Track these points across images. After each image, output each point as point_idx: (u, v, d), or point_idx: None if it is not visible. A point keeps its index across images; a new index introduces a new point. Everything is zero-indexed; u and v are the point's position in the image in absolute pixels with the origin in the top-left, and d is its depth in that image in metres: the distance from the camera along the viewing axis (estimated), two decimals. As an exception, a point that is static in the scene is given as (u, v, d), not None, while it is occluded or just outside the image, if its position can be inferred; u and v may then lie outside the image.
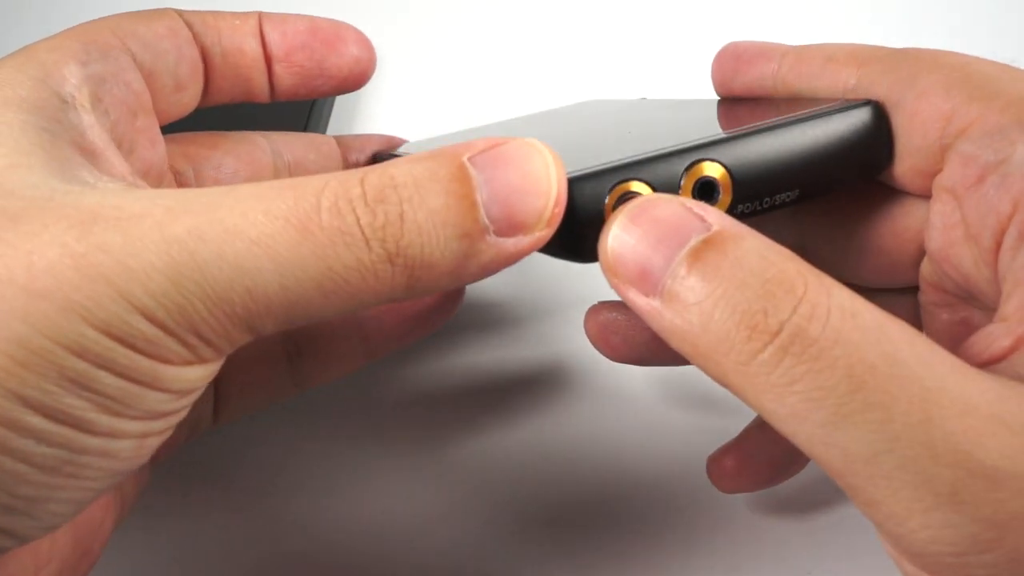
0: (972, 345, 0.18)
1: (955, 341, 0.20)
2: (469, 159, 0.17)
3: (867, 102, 0.21)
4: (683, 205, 0.17)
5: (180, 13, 0.24)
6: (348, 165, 0.28)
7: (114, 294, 0.16)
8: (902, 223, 0.22)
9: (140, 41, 0.22)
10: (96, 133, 0.20)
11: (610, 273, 0.18)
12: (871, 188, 0.23)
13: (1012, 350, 0.17)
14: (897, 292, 0.24)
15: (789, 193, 0.20)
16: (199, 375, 0.18)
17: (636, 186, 0.19)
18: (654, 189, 0.19)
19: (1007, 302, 0.18)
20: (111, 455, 0.17)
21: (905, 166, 0.21)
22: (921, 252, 0.22)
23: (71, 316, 0.16)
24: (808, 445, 0.16)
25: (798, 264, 0.16)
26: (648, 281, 0.17)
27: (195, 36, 0.24)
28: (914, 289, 0.23)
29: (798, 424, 0.16)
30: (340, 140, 0.29)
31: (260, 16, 0.25)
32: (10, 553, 0.19)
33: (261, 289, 0.16)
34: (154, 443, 0.18)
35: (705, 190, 0.19)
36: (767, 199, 0.20)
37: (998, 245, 0.19)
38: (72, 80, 0.20)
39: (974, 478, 0.15)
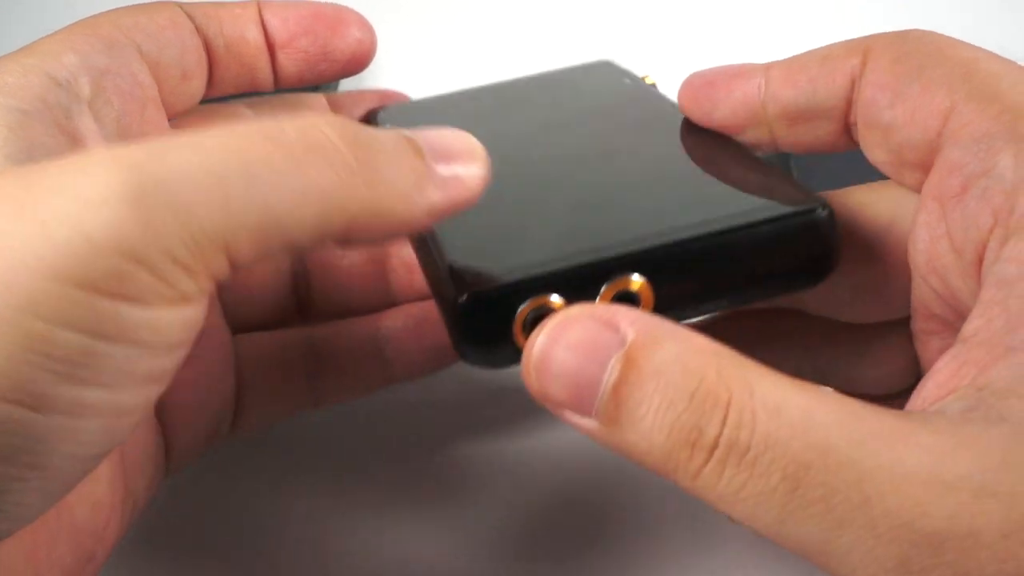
0: (921, 388, 0.18)
1: None
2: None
3: (813, 208, 0.19)
4: (595, 320, 0.17)
5: (180, 5, 0.24)
6: None
7: (61, 230, 0.15)
8: (889, 254, 0.22)
9: (144, 33, 0.23)
10: (85, 119, 0.20)
11: (540, 398, 0.18)
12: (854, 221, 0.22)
13: (949, 392, 0.17)
14: (891, 323, 0.23)
15: (717, 304, 0.20)
16: (175, 319, 0.17)
17: (552, 298, 0.19)
18: (569, 302, 0.18)
19: (968, 323, 0.18)
20: (75, 438, 0.16)
21: (905, 161, 0.21)
22: (909, 279, 0.21)
23: (16, 269, 0.15)
24: (769, 536, 0.16)
25: (718, 365, 0.16)
26: (581, 403, 0.17)
27: (197, 27, 0.24)
28: (907, 320, 0.22)
29: (754, 523, 0.16)
30: (331, 99, 0.28)
31: (260, 4, 0.25)
32: (3, 555, 0.18)
33: (230, 198, 0.16)
34: (125, 426, 0.17)
35: (624, 300, 0.19)
36: (691, 311, 0.20)
37: (980, 259, 0.18)
38: (69, 67, 0.20)
39: (918, 548, 0.15)
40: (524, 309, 0.18)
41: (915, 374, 0.23)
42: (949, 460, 0.15)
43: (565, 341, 0.17)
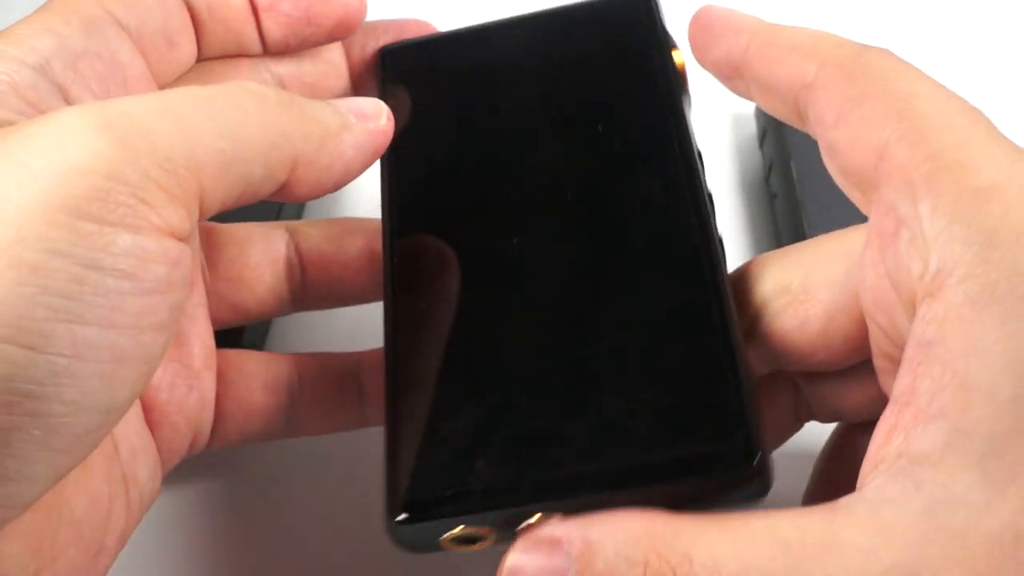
0: (867, 452, 0.18)
1: None
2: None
3: (746, 460, 0.19)
4: (540, 550, 0.18)
5: None
6: (351, 62, 0.27)
7: (41, 162, 0.16)
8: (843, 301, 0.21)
9: (124, 4, 0.22)
10: (60, 105, 0.20)
11: None
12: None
13: (881, 461, 0.17)
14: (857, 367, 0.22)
15: None
16: (160, 250, 0.17)
17: (480, 529, 0.20)
18: (498, 528, 0.20)
19: (897, 380, 0.18)
20: (76, 385, 0.16)
21: (849, 181, 0.20)
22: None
23: (0, 203, 0.16)
24: None
25: (654, 546, 0.17)
26: None
27: None
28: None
29: None
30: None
31: None
32: (5, 551, 0.18)
33: (189, 125, 0.18)
34: (125, 379, 0.17)
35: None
36: None
37: (914, 303, 0.18)
38: (43, 51, 0.20)
39: None
40: (450, 535, 0.20)
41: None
42: (875, 555, 0.16)
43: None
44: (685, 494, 0.19)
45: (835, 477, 0.25)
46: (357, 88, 0.27)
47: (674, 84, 0.24)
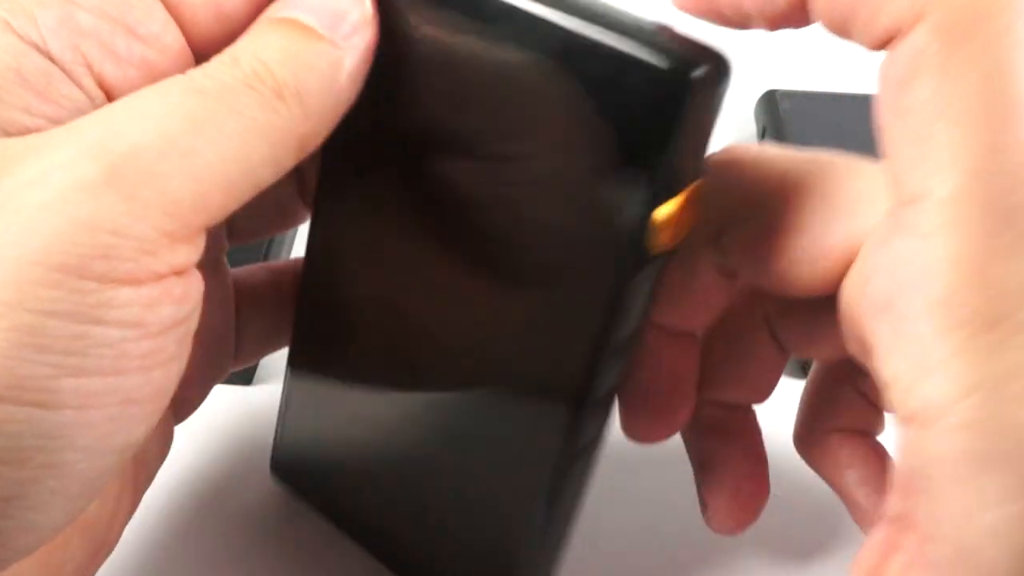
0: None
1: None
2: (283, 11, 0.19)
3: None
4: None
5: None
6: None
7: (42, 217, 0.15)
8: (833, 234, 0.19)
9: None
10: (68, 87, 0.18)
11: None
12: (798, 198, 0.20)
13: None
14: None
15: None
16: (167, 294, 0.17)
17: None
18: None
19: (890, 501, 0.17)
20: (88, 432, 0.16)
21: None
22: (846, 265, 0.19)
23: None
24: None
25: None
26: None
27: None
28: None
29: None
30: None
31: None
32: (18, 569, 0.18)
33: (194, 161, 0.17)
34: (138, 415, 0.17)
35: None
36: None
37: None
38: (45, 27, 0.18)
39: None
40: None
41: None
42: None
43: None
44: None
45: (818, 418, 0.24)
46: None
47: (633, 245, 0.18)
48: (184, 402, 0.24)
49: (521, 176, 0.19)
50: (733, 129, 0.41)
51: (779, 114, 0.39)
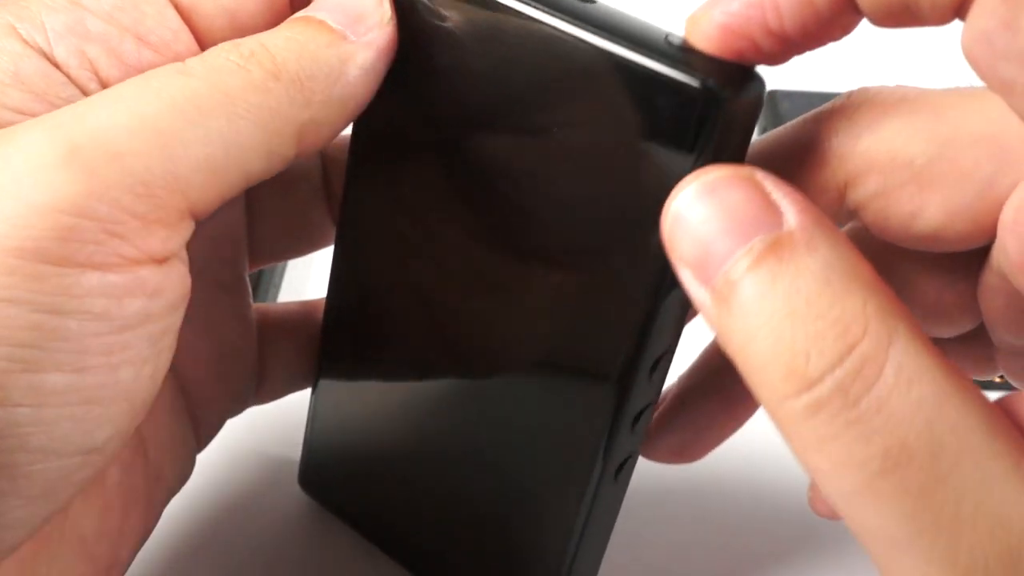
0: None
1: (1011, 324, 0.18)
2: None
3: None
4: (762, 193, 0.15)
5: None
6: None
7: None
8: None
9: None
10: (70, 91, 0.18)
11: (667, 244, 0.16)
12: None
13: None
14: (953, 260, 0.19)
15: None
16: (137, 283, 0.16)
17: None
18: None
19: None
20: (44, 432, 0.15)
21: None
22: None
23: None
24: (830, 501, 0.15)
25: (866, 296, 0.14)
26: (702, 269, 0.15)
27: None
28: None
29: (823, 481, 0.15)
30: None
31: None
32: None
33: (167, 139, 0.16)
34: (102, 417, 0.16)
35: None
36: None
37: None
38: (51, 29, 0.18)
39: None
40: None
41: (972, 321, 0.20)
42: None
43: (720, 199, 0.15)
44: None
45: None
46: None
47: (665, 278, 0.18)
48: (204, 425, 0.24)
49: (559, 191, 0.19)
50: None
51: (779, 114, 0.39)
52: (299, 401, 0.26)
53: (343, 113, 0.18)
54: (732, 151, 0.17)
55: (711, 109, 0.16)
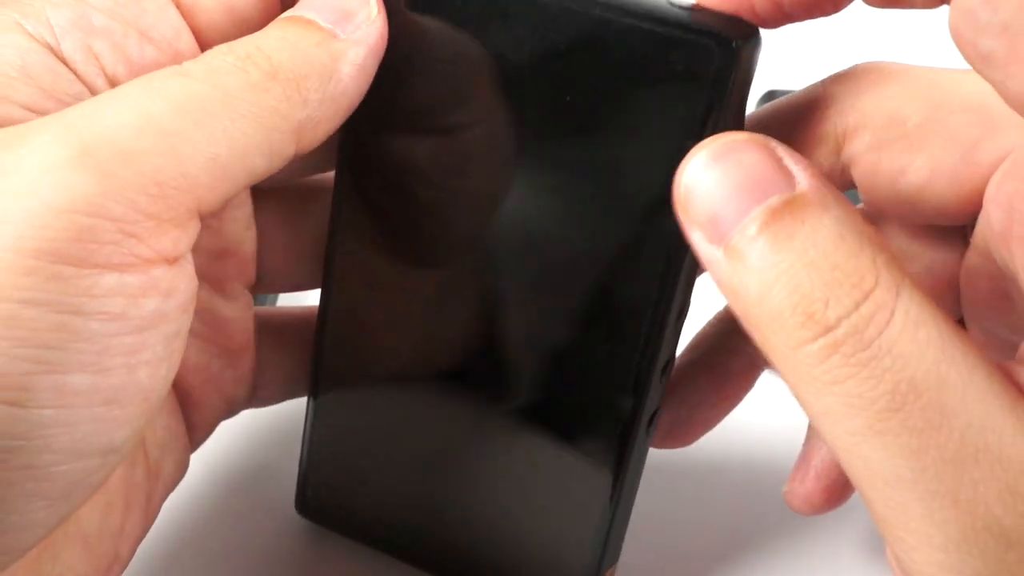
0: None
1: (991, 309, 0.20)
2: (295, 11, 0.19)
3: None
4: (774, 156, 0.16)
5: None
6: None
7: (14, 204, 0.15)
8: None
9: None
10: (77, 88, 0.18)
11: (680, 208, 0.17)
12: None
13: None
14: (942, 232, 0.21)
15: None
16: (152, 283, 0.16)
17: None
18: None
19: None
20: (68, 433, 0.16)
21: None
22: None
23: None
24: (833, 446, 0.16)
25: (874, 252, 0.15)
26: (716, 229, 0.16)
27: None
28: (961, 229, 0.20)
29: (829, 424, 0.15)
30: None
31: None
32: None
33: (174, 139, 0.16)
34: (121, 417, 0.17)
35: None
36: None
37: None
38: (57, 26, 0.18)
39: (990, 535, 0.15)
40: None
41: (951, 312, 0.21)
42: None
43: (734, 162, 0.16)
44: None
45: None
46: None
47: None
48: (197, 426, 0.24)
49: (585, 155, 0.20)
50: (735, 130, 0.41)
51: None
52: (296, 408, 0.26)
53: (338, 110, 0.19)
54: (741, 99, 0.18)
55: (727, 57, 0.18)
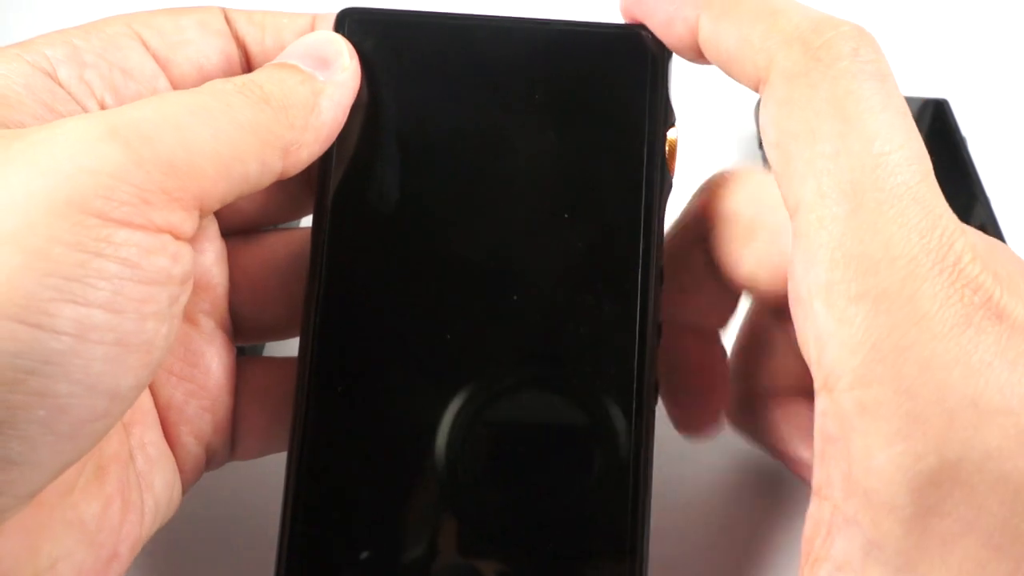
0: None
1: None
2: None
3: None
4: None
5: (225, 10, 0.24)
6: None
7: (54, 164, 0.17)
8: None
9: (155, 30, 0.23)
10: (71, 107, 0.21)
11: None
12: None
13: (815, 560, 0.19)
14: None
15: None
16: (161, 246, 0.18)
17: None
18: None
19: (815, 471, 0.19)
20: (83, 366, 0.17)
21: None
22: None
23: (12, 197, 0.17)
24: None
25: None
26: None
27: (236, 32, 0.24)
28: None
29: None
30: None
31: (315, 18, 0.24)
32: (3, 550, 0.18)
33: (186, 134, 0.19)
34: (129, 367, 0.18)
35: None
36: None
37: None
38: (53, 58, 0.21)
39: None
40: None
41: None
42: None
43: None
44: None
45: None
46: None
47: (655, 173, 0.23)
48: (179, 469, 0.24)
49: (559, 142, 0.23)
50: (733, 130, 0.41)
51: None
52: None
53: (318, 138, 0.22)
54: (668, 73, 0.23)
55: (655, 45, 0.23)
